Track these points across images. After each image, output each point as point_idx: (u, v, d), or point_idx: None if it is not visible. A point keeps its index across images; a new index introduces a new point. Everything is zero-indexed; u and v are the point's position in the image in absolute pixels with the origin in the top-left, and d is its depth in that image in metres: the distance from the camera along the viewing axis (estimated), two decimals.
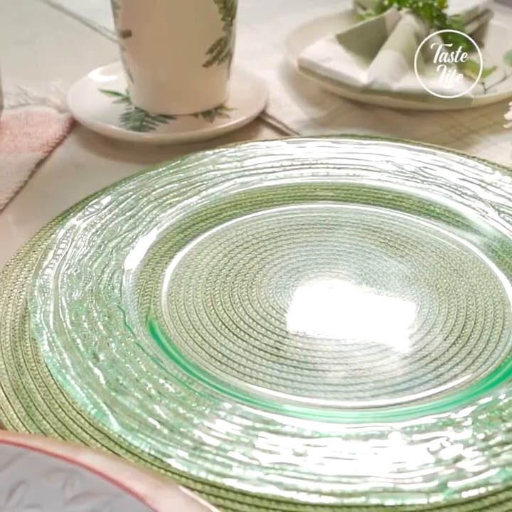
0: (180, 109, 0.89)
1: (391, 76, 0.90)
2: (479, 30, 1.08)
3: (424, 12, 1.00)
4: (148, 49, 0.85)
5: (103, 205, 0.71)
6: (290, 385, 0.56)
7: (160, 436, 0.49)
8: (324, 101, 0.95)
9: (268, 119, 0.92)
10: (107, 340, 0.57)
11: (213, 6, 0.83)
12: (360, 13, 1.09)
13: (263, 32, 1.16)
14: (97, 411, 0.50)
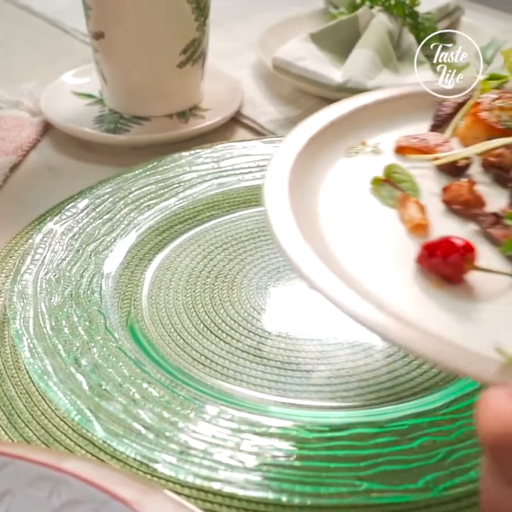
0: (154, 111, 0.89)
1: (365, 74, 0.90)
2: (451, 27, 1.08)
3: (397, 10, 1.00)
4: (122, 50, 0.85)
5: (80, 208, 0.70)
6: (274, 386, 0.55)
7: (145, 441, 0.49)
8: (298, 100, 0.95)
9: (243, 119, 0.91)
10: (88, 345, 0.56)
11: (186, 6, 0.82)
12: (332, 12, 1.09)
13: (236, 32, 1.15)
14: (81, 417, 0.50)
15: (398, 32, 0.99)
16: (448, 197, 0.53)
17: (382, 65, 0.94)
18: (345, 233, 0.50)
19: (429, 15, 1.03)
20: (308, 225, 0.49)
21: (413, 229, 0.51)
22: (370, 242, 0.50)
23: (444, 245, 0.46)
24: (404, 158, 0.58)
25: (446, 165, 0.56)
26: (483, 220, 0.50)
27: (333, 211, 0.52)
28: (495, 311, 0.44)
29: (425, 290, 0.46)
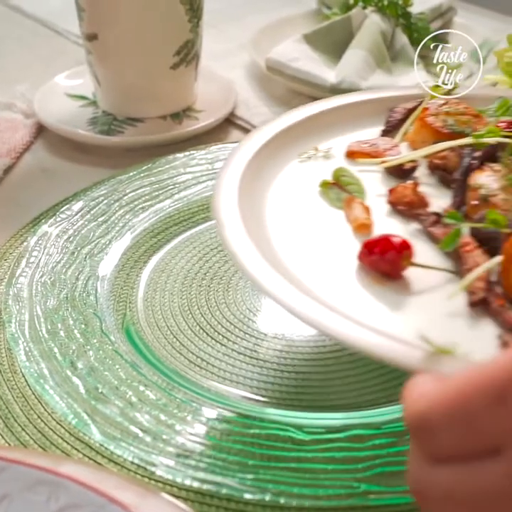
0: (148, 112, 0.89)
1: (359, 75, 0.90)
2: (444, 27, 1.08)
3: (390, 10, 1.00)
4: (115, 52, 0.85)
5: (74, 211, 0.70)
6: (271, 387, 0.55)
7: (142, 444, 0.49)
8: (292, 101, 0.95)
9: (237, 120, 0.91)
10: (84, 348, 0.56)
11: (179, 7, 0.82)
12: (325, 13, 1.09)
13: (229, 33, 1.15)
14: (78, 421, 0.50)
15: (391, 32, 1.00)
16: (393, 198, 0.56)
17: (376, 65, 0.94)
18: (292, 234, 0.53)
19: (422, 15, 1.03)
20: (256, 228, 0.51)
21: (357, 228, 0.53)
22: (317, 241, 0.53)
23: (382, 243, 0.49)
24: (354, 162, 0.60)
25: (393, 168, 0.59)
26: (425, 220, 0.54)
27: (283, 214, 0.55)
28: (428, 304, 0.47)
29: (366, 286, 0.49)
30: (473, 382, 0.33)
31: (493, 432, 0.33)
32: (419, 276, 0.49)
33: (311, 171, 0.60)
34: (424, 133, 0.62)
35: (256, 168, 0.58)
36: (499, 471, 0.32)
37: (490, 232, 0.50)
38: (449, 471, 0.34)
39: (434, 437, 0.34)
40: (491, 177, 0.55)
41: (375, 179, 0.59)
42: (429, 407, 0.34)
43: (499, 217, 0.50)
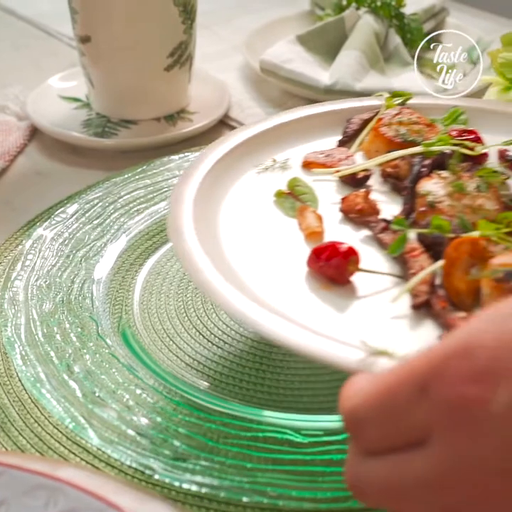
0: (142, 114, 0.88)
1: (353, 76, 0.90)
2: (437, 28, 1.08)
3: (383, 11, 1.00)
4: (108, 54, 0.84)
5: (69, 214, 0.70)
6: (267, 390, 0.55)
7: (140, 447, 0.49)
8: (286, 102, 0.95)
9: (231, 122, 0.91)
10: (80, 351, 0.56)
11: (173, 9, 0.82)
12: (318, 14, 1.09)
13: (222, 34, 1.15)
14: (75, 425, 0.49)
15: (384, 33, 1.00)
16: (345, 206, 0.58)
17: (370, 66, 0.94)
18: (245, 242, 0.55)
19: (415, 16, 1.04)
20: (210, 237, 0.54)
21: (309, 236, 0.56)
22: (269, 249, 0.55)
23: (328, 250, 0.51)
24: (310, 172, 0.62)
25: (347, 177, 0.61)
26: (375, 227, 0.56)
27: (237, 223, 0.57)
28: (373, 307, 0.49)
29: (314, 291, 0.51)
30: (397, 376, 0.35)
31: (417, 423, 0.34)
32: (367, 281, 0.51)
33: (267, 181, 0.61)
34: (378, 143, 0.64)
35: (213, 179, 0.60)
36: (424, 461, 0.33)
37: (435, 237, 0.52)
38: (380, 463, 0.35)
39: (365, 431, 0.35)
40: (438, 184, 0.57)
41: (330, 188, 0.61)
42: (359, 402, 0.36)
43: (443, 223, 0.52)
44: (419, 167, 0.59)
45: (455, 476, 0.32)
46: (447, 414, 0.33)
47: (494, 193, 0.57)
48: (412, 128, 0.64)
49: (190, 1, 0.84)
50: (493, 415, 0.31)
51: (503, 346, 0.32)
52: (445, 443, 0.33)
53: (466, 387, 0.32)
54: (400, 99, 0.69)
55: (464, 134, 0.64)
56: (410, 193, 0.58)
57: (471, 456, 0.32)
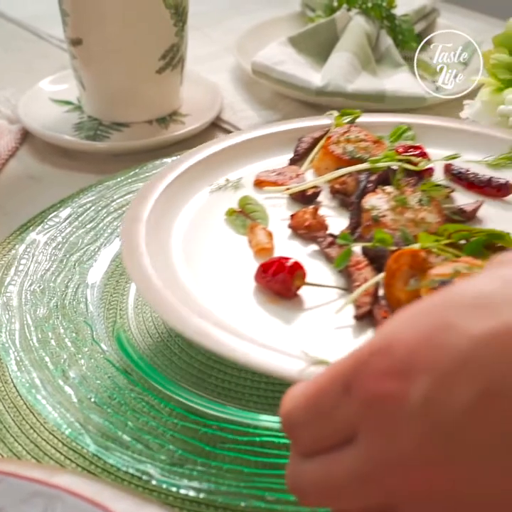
0: (134, 117, 0.88)
1: (345, 78, 0.90)
2: (428, 29, 1.08)
3: (374, 12, 1.00)
4: (100, 57, 0.84)
5: (62, 218, 0.69)
6: (263, 394, 0.55)
7: (136, 453, 0.48)
8: (278, 104, 0.95)
9: (223, 124, 0.91)
10: (75, 357, 0.56)
11: (165, 11, 0.82)
12: (309, 15, 1.09)
13: (213, 36, 1.15)
14: (72, 431, 0.49)
15: (376, 34, 1.00)
16: (294, 223, 0.60)
17: (361, 67, 0.94)
18: (197, 261, 0.57)
19: (406, 17, 1.04)
20: (162, 256, 0.56)
21: (258, 252, 0.58)
22: (220, 266, 0.57)
23: (275, 265, 0.54)
24: (262, 190, 0.65)
25: (296, 194, 0.63)
26: (322, 242, 0.58)
27: (189, 242, 0.59)
28: (318, 319, 0.52)
29: (262, 305, 0.53)
30: (325, 378, 0.36)
31: (344, 422, 0.35)
32: (314, 294, 0.54)
33: (220, 200, 0.64)
34: (327, 160, 0.67)
35: (167, 199, 0.62)
36: (353, 458, 0.34)
37: (378, 251, 0.55)
38: (314, 464, 0.36)
39: (299, 434, 0.37)
40: (382, 199, 0.60)
41: (281, 205, 0.63)
42: (292, 406, 0.37)
43: (386, 236, 0.55)
44: (365, 183, 0.62)
45: (382, 470, 0.33)
46: (368, 410, 0.33)
47: (436, 206, 0.59)
48: (359, 145, 0.67)
49: (182, 3, 0.84)
50: (409, 410, 0.32)
51: (419, 343, 0.33)
52: (369, 439, 0.34)
53: (383, 383, 0.33)
54: (350, 117, 0.71)
55: (410, 150, 0.66)
56: (356, 208, 0.60)
57: (393, 450, 0.33)
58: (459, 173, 0.66)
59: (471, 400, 0.31)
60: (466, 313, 0.33)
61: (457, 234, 0.54)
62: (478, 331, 0.32)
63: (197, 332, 0.48)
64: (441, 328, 0.33)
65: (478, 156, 0.68)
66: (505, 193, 0.64)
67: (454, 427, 0.31)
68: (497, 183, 0.64)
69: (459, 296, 0.34)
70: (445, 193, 0.62)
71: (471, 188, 0.65)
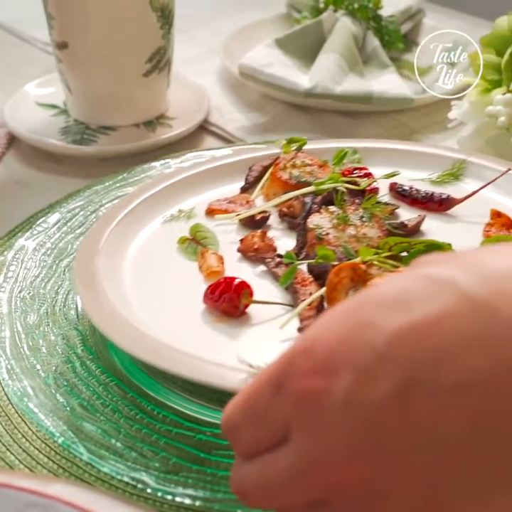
0: (121, 120, 0.88)
1: (333, 79, 0.90)
2: (414, 29, 1.08)
3: (360, 13, 1.00)
4: (86, 60, 0.84)
5: (51, 223, 0.69)
6: None
7: (130, 461, 0.48)
8: (265, 106, 0.94)
9: (211, 127, 0.91)
10: (67, 364, 0.55)
11: (151, 14, 0.82)
12: (295, 17, 1.09)
13: (198, 38, 1.14)
14: (64, 439, 0.49)
15: (362, 35, 0.99)
16: (243, 246, 0.63)
17: (348, 69, 0.94)
18: (149, 287, 0.59)
19: (393, 18, 1.03)
20: (115, 285, 0.58)
21: (208, 276, 0.60)
22: (171, 291, 0.59)
23: (221, 285, 0.56)
24: (213, 218, 0.67)
25: (246, 220, 0.66)
26: (270, 262, 0.60)
27: (143, 270, 0.61)
28: (264, 334, 0.54)
29: (210, 325, 0.56)
30: (259, 381, 0.37)
31: (277, 422, 0.35)
32: (261, 312, 0.56)
33: (172, 230, 0.66)
34: (275, 186, 0.69)
35: (121, 230, 0.64)
36: (287, 456, 0.35)
37: (321, 267, 0.58)
38: (253, 466, 0.37)
39: (238, 437, 0.37)
40: (325, 218, 0.62)
41: (231, 231, 0.66)
42: (231, 410, 0.38)
43: (328, 252, 0.57)
44: (310, 204, 0.65)
45: (313, 465, 0.34)
46: (297, 408, 0.34)
47: (377, 222, 0.62)
48: (305, 170, 0.70)
49: (168, 6, 0.83)
50: (333, 405, 0.33)
51: (339, 341, 0.34)
52: (300, 436, 0.34)
53: (308, 381, 0.34)
54: (296, 144, 0.73)
55: (356, 171, 0.69)
56: (302, 229, 0.63)
57: (321, 445, 0.33)
58: (402, 190, 0.68)
59: (390, 393, 0.32)
60: (383, 311, 0.33)
61: (397, 246, 0.57)
62: (394, 327, 0.33)
63: (149, 353, 0.50)
64: (360, 327, 0.34)
65: (422, 174, 0.71)
66: (446, 207, 0.67)
67: (375, 420, 0.32)
68: (439, 198, 0.67)
69: (377, 295, 0.35)
70: (389, 209, 0.65)
71: (414, 204, 0.68)
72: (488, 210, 0.64)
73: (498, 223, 0.63)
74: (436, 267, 0.35)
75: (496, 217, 0.64)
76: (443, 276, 0.34)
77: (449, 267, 0.34)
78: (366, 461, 0.33)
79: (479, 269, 0.33)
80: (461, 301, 0.32)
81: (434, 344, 0.32)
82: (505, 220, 0.63)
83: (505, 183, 0.67)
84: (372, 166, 0.71)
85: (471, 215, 0.65)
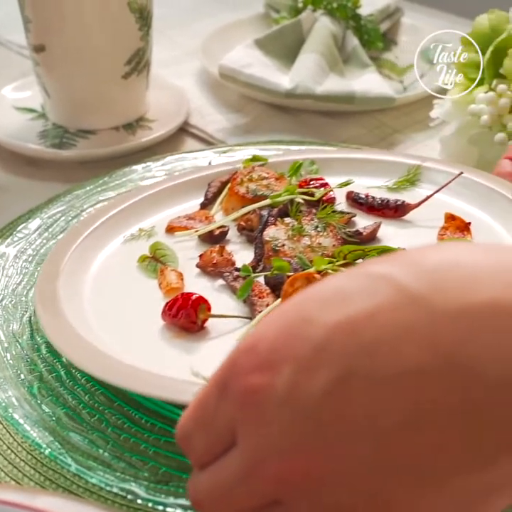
0: (100, 123, 0.87)
1: (313, 79, 0.89)
2: (392, 28, 1.08)
3: (339, 13, 1.00)
4: (64, 63, 0.83)
5: (32, 229, 0.68)
6: None
7: (119, 471, 0.47)
8: (245, 107, 0.93)
9: (191, 129, 0.90)
10: (51, 373, 0.54)
11: (129, 16, 0.81)
12: (273, 17, 1.08)
13: (176, 39, 1.13)
14: (51, 450, 0.48)
15: (342, 35, 0.99)
16: (202, 262, 0.63)
17: (329, 69, 0.93)
18: (110, 306, 0.59)
19: (372, 17, 1.03)
20: (75, 306, 0.58)
21: (168, 292, 0.60)
22: (131, 309, 0.59)
23: (179, 301, 0.56)
24: (173, 236, 0.67)
25: (205, 235, 0.66)
26: (228, 276, 0.61)
27: (103, 290, 0.61)
28: (220, 348, 0.51)
29: (168, 341, 0.56)
30: (206, 387, 0.37)
31: (225, 424, 0.35)
32: (220, 326, 0.56)
33: (133, 249, 0.66)
34: (233, 201, 0.70)
35: (82, 252, 0.63)
36: (234, 460, 0.35)
37: (277, 278, 0.58)
38: (205, 474, 0.36)
39: (191, 446, 0.37)
40: (280, 230, 0.63)
41: (191, 248, 0.66)
42: (183, 417, 0.38)
43: (283, 264, 0.58)
44: (266, 217, 0.65)
45: (260, 464, 0.33)
46: (241, 407, 0.34)
47: (332, 231, 0.63)
48: (261, 183, 0.70)
49: (147, 7, 0.83)
50: (276, 399, 0.33)
51: (280, 338, 0.34)
52: (245, 436, 0.34)
53: (251, 378, 0.34)
54: (259, 163, 0.73)
55: (312, 182, 0.70)
56: (259, 242, 0.63)
57: (265, 442, 0.33)
58: (359, 198, 0.69)
59: (329, 384, 0.32)
60: (322, 306, 0.34)
61: (352, 254, 0.58)
62: (332, 321, 0.33)
63: (106, 371, 0.50)
64: (299, 322, 0.34)
65: (379, 181, 0.71)
66: (402, 213, 0.67)
67: (313, 412, 0.32)
68: (394, 204, 0.67)
69: (316, 292, 0.35)
70: (345, 218, 0.65)
71: (371, 212, 0.68)
72: (443, 213, 0.64)
73: (453, 226, 0.64)
74: (376, 264, 0.35)
75: (450, 220, 0.64)
76: (381, 272, 0.34)
77: (387, 264, 0.35)
78: (307, 456, 0.32)
79: (417, 265, 0.34)
80: (397, 295, 0.33)
81: (371, 335, 0.32)
82: (459, 223, 0.64)
83: (458, 186, 0.67)
84: (328, 176, 0.71)
85: (426, 219, 0.66)
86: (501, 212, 0.65)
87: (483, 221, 0.65)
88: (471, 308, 0.32)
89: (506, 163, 0.68)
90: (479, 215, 0.65)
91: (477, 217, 0.65)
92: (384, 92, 0.89)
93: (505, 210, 0.64)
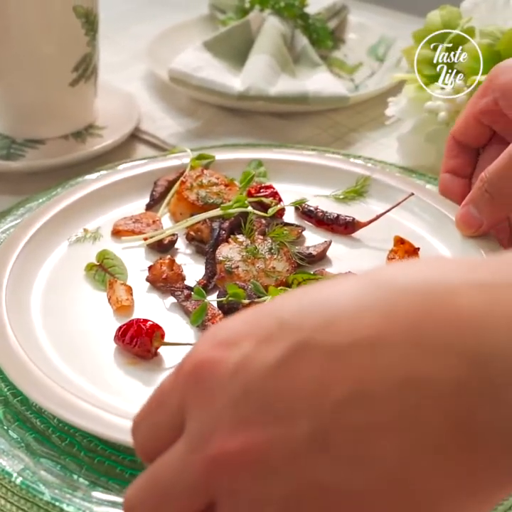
0: (48, 132, 0.84)
1: (266, 80, 0.88)
2: (340, 26, 1.07)
3: (287, 12, 0.98)
4: (10, 71, 0.80)
5: None
6: None
7: (97, 498, 0.45)
8: (197, 111, 0.92)
9: (143, 135, 0.88)
10: (17, 396, 0.52)
11: (76, 21, 0.78)
12: (219, 18, 1.06)
13: (121, 43, 1.10)
14: (23, 479, 0.46)
15: (291, 34, 0.98)
16: (151, 276, 0.61)
17: (280, 69, 0.92)
18: (57, 320, 0.57)
19: (320, 15, 1.02)
20: (20, 319, 0.55)
21: (118, 310, 0.58)
22: (80, 326, 0.57)
23: (132, 328, 0.54)
24: (120, 240, 0.65)
25: (154, 243, 0.64)
26: (179, 295, 0.59)
27: (50, 301, 0.59)
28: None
29: (121, 367, 0.54)
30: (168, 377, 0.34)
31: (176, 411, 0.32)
32: (174, 351, 0.54)
33: (79, 253, 0.64)
34: (182, 206, 0.68)
35: (26, 257, 0.61)
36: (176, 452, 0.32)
37: (231, 305, 0.57)
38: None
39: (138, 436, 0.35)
40: (234, 249, 0.62)
41: (139, 256, 0.64)
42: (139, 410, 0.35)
43: (238, 291, 0.57)
44: (218, 231, 0.64)
45: (202, 446, 0.31)
46: (189, 385, 0.32)
47: (285, 253, 0.62)
48: (212, 190, 0.68)
49: (93, 12, 0.80)
50: (224, 373, 0.31)
51: (238, 323, 0.33)
52: (191, 417, 0.32)
53: (206, 353, 0.32)
54: (205, 161, 0.72)
55: (262, 190, 0.69)
56: (211, 258, 0.62)
57: (208, 421, 0.31)
58: (308, 211, 0.68)
59: (280, 355, 0.31)
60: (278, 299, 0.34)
61: (305, 282, 0.59)
62: (301, 305, 0.32)
63: (55, 402, 0.48)
64: (256, 312, 0.33)
65: (327, 191, 0.71)
66: (351, 230, 0.67)
67: (264, 384, 0.30)
68: (344, 221, 0.67)
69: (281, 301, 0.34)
70: (295, 234, 0.65)
71: (320, 226, 0.68)
72: (393, 233, 0.65)
73: (401, 250, 0.64)
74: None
75: (399, 244, 0.65)
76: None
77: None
78: (250, 430, 0.30)
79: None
80: (360, 279, 0.32)
81: (330, 308, 0.31)
82: (408, 247, 0.64)
83: (409, 204, 0.67)
84: (277, 182, 0.70)
85: (376, 238, 0.66)
86: (449, 237, 0.65)
87: (431, 245, 0.65)
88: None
89: (447, 179, 0.68)
90: (428, 239, 0.66)
91: (426, 241, 0.65)
92: (337, 91, 0.88)
93: (452, 236, 0.64)
